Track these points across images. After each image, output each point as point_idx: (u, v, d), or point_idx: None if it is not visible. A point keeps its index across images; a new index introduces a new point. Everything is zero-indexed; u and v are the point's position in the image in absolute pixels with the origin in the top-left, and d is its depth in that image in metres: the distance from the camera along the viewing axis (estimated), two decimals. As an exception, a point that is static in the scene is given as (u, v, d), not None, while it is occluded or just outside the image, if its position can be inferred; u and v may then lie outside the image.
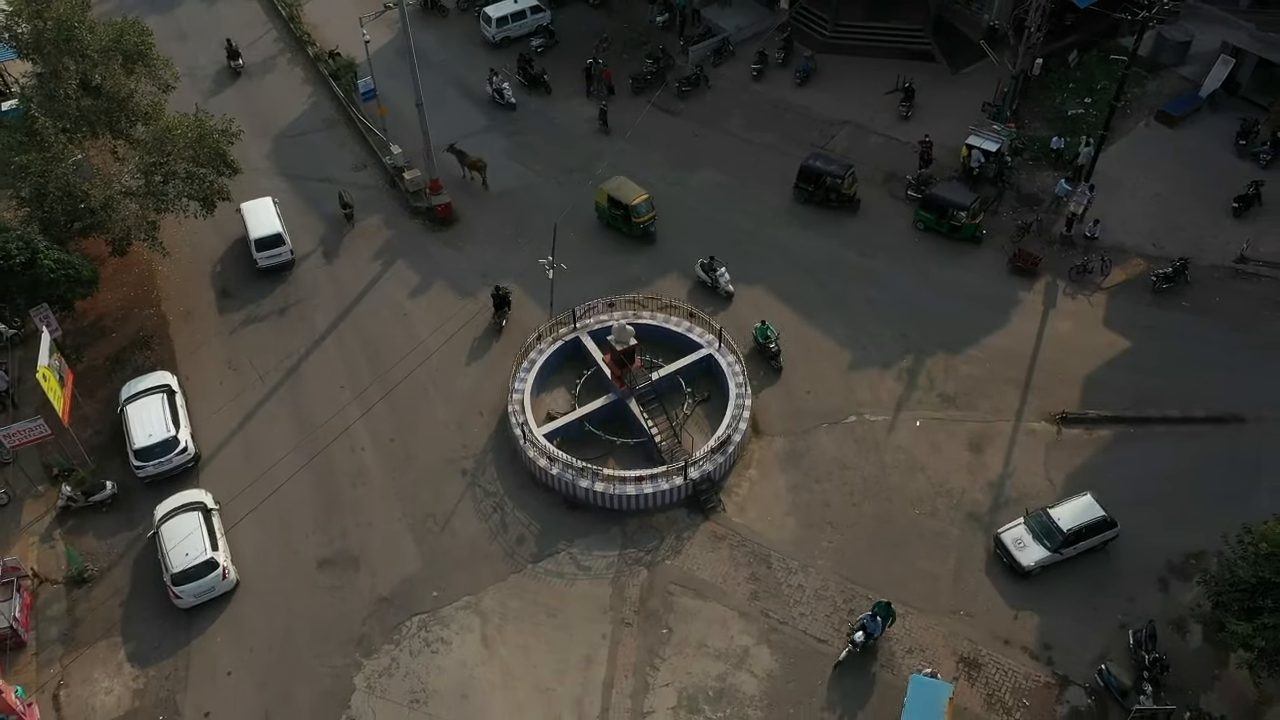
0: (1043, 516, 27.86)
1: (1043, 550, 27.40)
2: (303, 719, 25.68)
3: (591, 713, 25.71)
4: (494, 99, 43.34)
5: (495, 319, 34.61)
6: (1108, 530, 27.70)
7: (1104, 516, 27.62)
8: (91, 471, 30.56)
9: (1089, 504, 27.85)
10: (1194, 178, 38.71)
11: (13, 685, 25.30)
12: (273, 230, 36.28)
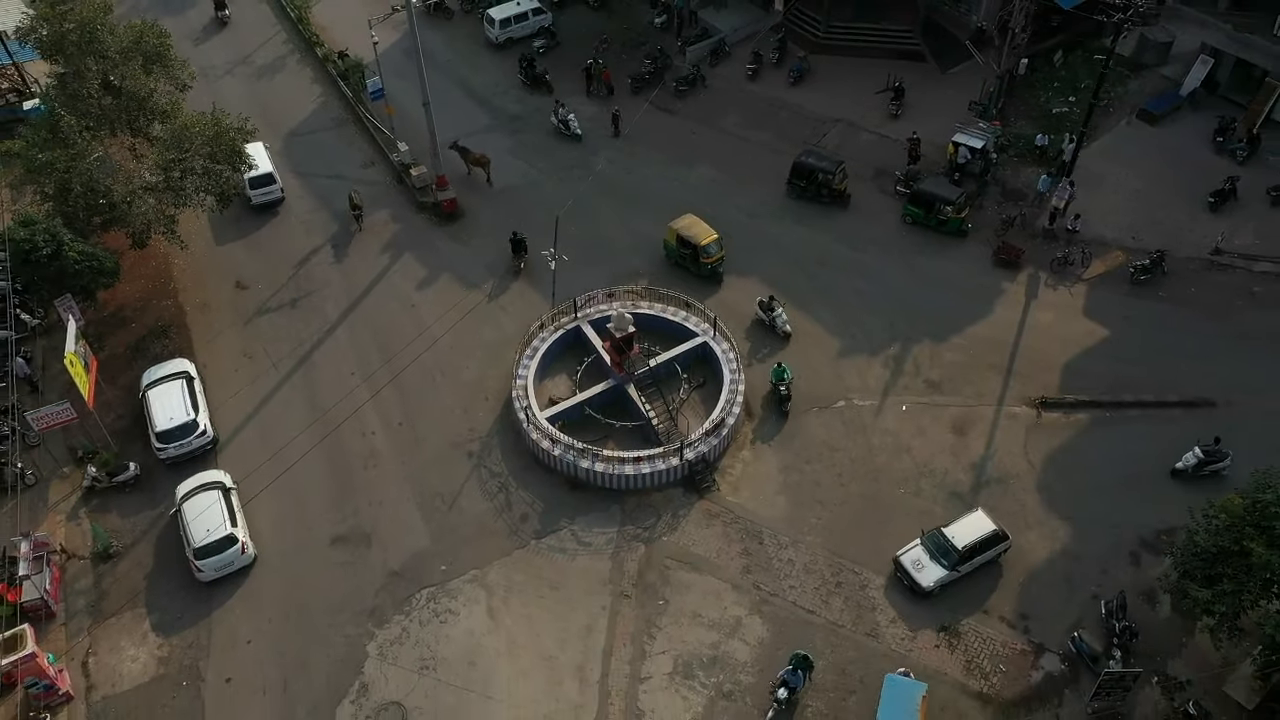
0: (938, 536, 28.46)
1: (940, 569, 28.04)
2: (319, 684, 27.20)
3: (592, 679, 27.24)
4: (559, 130, 43.13)
5: (514, 262, 37.52)
6: (1001, 543, 28.54)
7: (996, 530, 28.40)
8: (115, 454, 32.11)
9: (981, 519, 28.66)
10: (1173, 173, 40.19)
11: (45, 652, 26.82)
12: (265, 170, 39.67)
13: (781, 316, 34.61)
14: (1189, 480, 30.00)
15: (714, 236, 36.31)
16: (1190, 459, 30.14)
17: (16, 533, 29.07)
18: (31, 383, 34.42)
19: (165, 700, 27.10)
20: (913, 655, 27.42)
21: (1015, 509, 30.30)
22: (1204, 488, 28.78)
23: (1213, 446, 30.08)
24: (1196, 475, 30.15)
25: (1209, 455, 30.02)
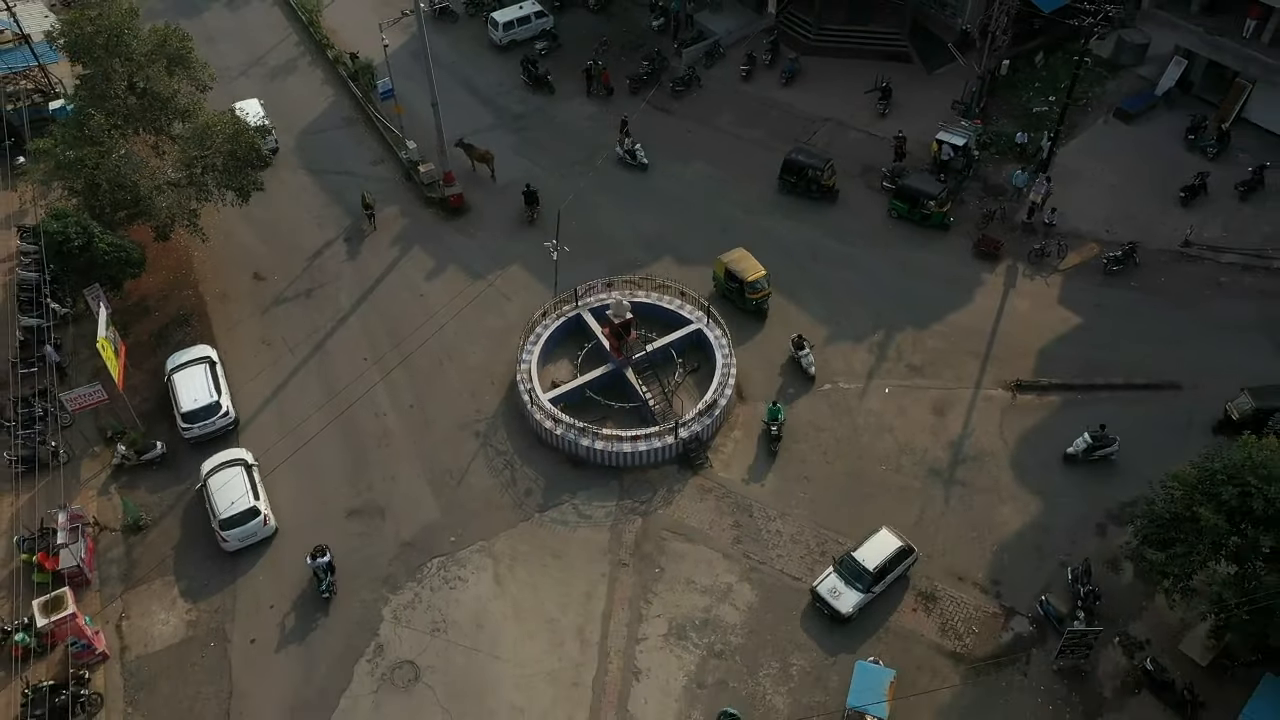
0: (850, 561, 29.34)
1: (856, 594, 28.92)
2: (337, 644, 29.26)
3: (592, 640, 29.29)
4: (624, 160, 43.58)
5: (527, 212, 41.05)
6: (909, 557, 29.74)
7: (902, 546, 29.58)
8: (142, 433, 34.19)
9: (887, 538, 29.77)
10: (1147, 170, 42.21)
11: (83, 615, 28.87)
12: (260, 123, 43.12)
13: (808, 358, 35.04)
14: (1151, 458, 31.99)
15: (761, 273, 36.66)
16: (1080, 444, 32.26)
17: (54, 507, 31.10)
18: (60, 369, 36.46)
19: (194, 659, 29.17)
20: (891, 618, 29.49)
21: (990, 484, 32.36)
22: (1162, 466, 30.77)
23: (1100, 433, 32.19)
24: (1086, 460, 32.24)
25: (1097, 441, 32.16)
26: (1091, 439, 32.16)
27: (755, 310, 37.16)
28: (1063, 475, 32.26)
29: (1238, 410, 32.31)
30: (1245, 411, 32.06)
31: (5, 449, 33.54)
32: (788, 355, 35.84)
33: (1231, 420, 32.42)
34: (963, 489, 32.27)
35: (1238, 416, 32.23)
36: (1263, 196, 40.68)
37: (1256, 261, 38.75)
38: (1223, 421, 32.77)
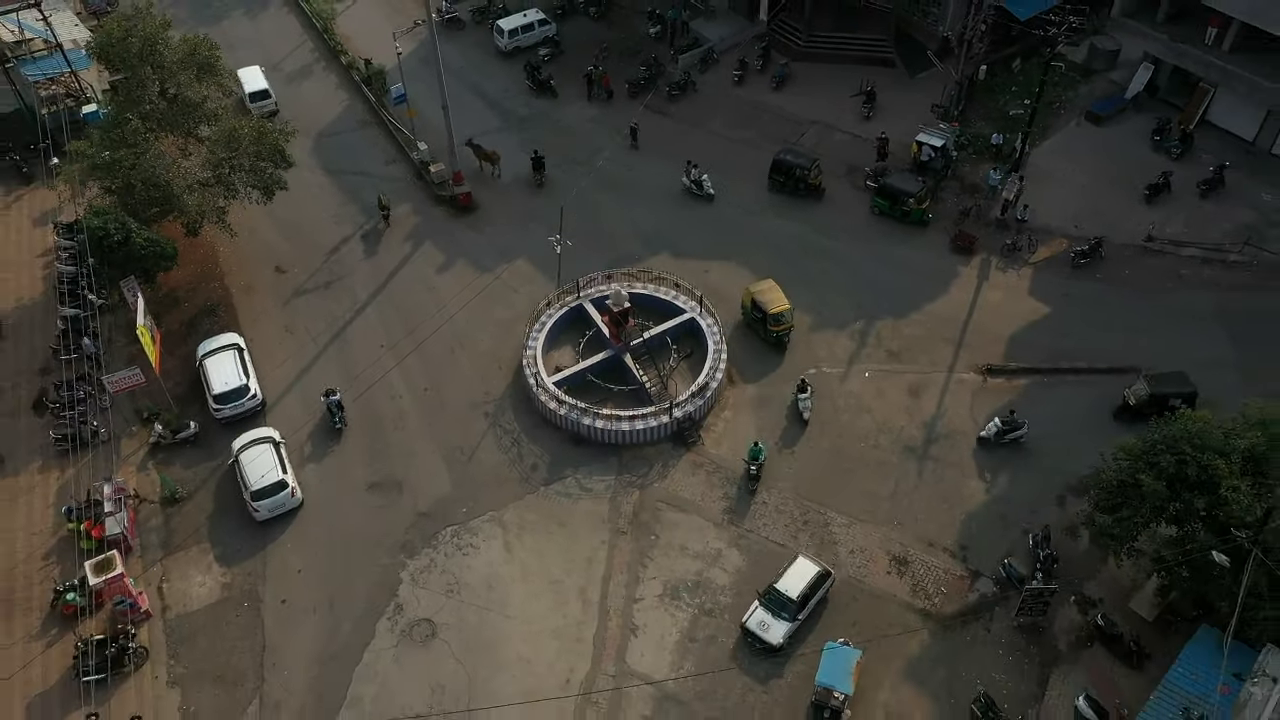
0: (774, 593, 30.64)
1: (784, 624, 30.28)
2: (360, 604, 32.14)
3: (593, 600, 32.16)
4: (691, 190, 44.72)
5: (535, 177, 44.91)
6: (827, 580, 31.33)
7: (819, 571, 31.11)
8: (176, 414, 37.07)
9: (804, 565, 31.26)
10: (1115, 169, 45.04)
11: (128, 576, 31.75)
12: (261, 87, 49.35)
13: (806, 402, 36.16)
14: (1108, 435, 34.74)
15: (785, 306, 37.64)
16: (991, 428, 35.06)
17: (98, 480, 34.00)
18: (96, 359, 39.25)
19: (230, 618, 32.05)
20: (868, 579, 32.35)
21: (959, 460, 35.22)
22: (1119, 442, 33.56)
23: (1010, 418, 35.01)
24: (998, 443, 35.06)
25: (1007, 425, 35.00)
26: (1002, 423, 35.01)
27: (775, 342, 38.36)
28: (1028, 452, 35.09)
29: (1135, 396, 35.21)
30: (1142, 397, 34.98)
31: (51, 428, 36.46)
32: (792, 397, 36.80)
33: (1129, 406, 35.28)
34: (934, 464, 35.13)
35: (1134, 402, 35.14)
36: (1222, 194, 43.52)
37: (1215, 255, 41.58)
38: (1122, 407, 35.58)
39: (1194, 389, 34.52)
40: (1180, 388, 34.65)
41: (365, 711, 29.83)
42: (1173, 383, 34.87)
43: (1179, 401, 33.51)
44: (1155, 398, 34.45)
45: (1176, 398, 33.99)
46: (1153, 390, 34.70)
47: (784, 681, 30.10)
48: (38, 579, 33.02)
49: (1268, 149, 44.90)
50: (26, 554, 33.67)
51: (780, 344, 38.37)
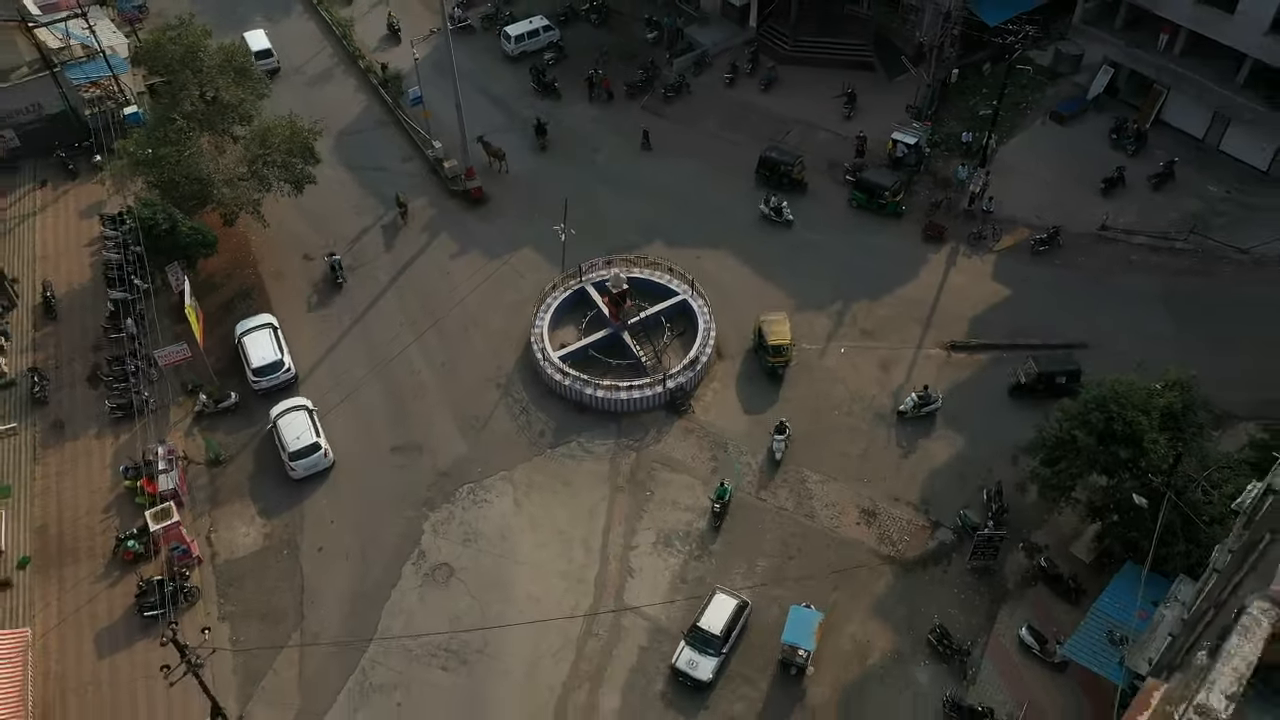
0: (697, 631, 32.62)
1: (711, 659, 32.26)
2: (387, 551, 36.36)
3: (594, 547, 36.38)
4: (770, 217, 47.01)
5: (539, 141, 50.40)
6: (746, 610, 33.40)
7: (738, 604, 33.17)
8: (218, 386, 41.29)
9: (723, 600, 33.24)
10: (1075, 164, 49.20)
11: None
12: (264, 47, 56.59)
13: (780, 444, 38.19)
14: (909, 420, 39.31)
15: (785, 340, 39.75)
16: (909, 402, 39.15)
17: (151, 443, 38.24)
18: (137, 339, 43.34)
19: (271, 564, 36.29)
20: (839, 530, 36.56)
21: (924, 426, 39.40)
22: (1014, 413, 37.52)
23: (924, 393, 39.11)
24: (915, 416, 39.13)
25: (922, 399, 39.13)
26: (918, 398, 39.16)
27: (770, 373, 40.59)
28: (984, 417, 39.29)
29: (1025, 375, 39.44)
30: (1031, 375, 39.22)
31: (106, 399, 40.71)
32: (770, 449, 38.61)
33: (1021, 384, 39.53)
34: (901, 429, 39.32)
35: (1025, 380, 39.37)
36: (1172, 187, 47.73)
37: (1162, 243, 45.77)
38: (1015, 385, 39.78)
39: (1077, 367, 38.95)
40: (1065, 366, 39.11)
41: (392, 643, 34.07)
42: (1058, 362, 39.30)
43: (1064, 379, 38.05)
44: (1043, 375, 38.90)
45: (1061, 375, 38.58)
46: (1040, 370, 39.05)
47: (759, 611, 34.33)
48: (99, 530, 37.26)
49: (1216, 146, 49.08)
50: (88, 508, 37.91)
51: (774, 375, 40.61)
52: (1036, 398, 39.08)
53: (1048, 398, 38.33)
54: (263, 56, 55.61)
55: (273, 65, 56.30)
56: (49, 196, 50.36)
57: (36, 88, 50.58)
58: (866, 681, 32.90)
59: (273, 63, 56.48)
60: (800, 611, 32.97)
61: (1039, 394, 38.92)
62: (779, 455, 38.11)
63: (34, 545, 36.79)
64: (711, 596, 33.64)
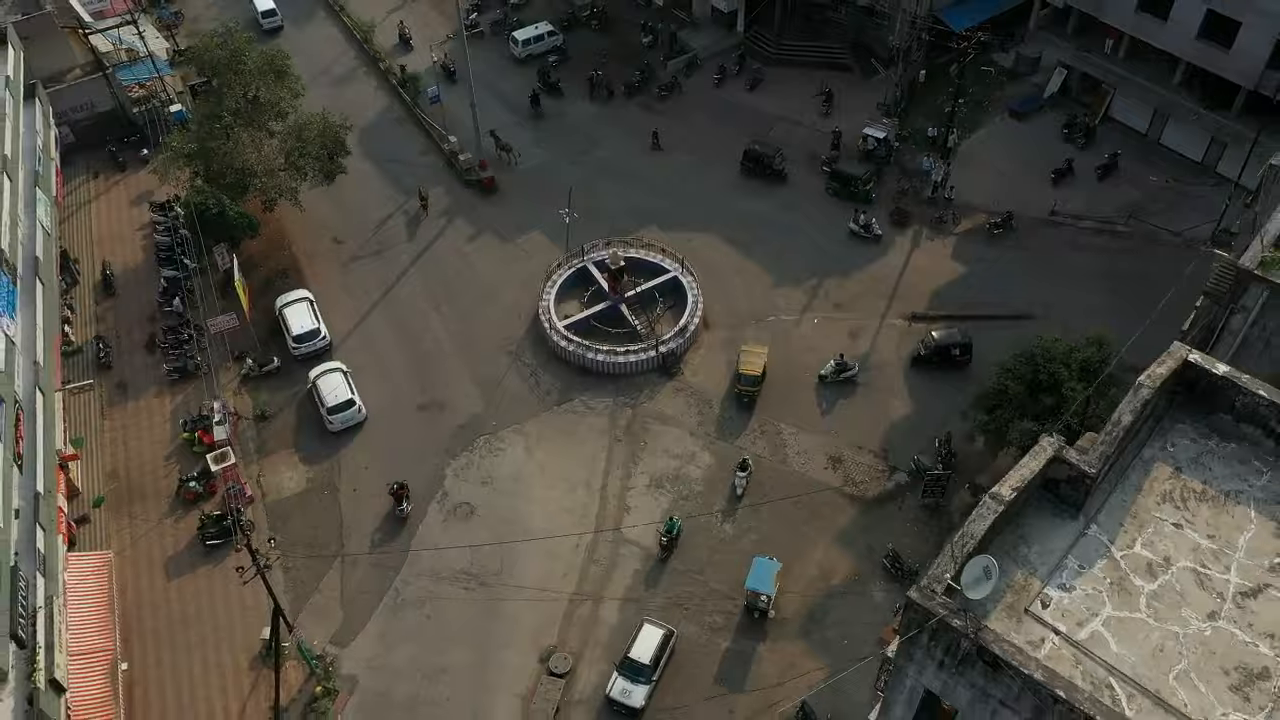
0: (628, 661, 35.36)
1: (643, 687, 35.02)
2: (415, 492, 41.98)
3: (595, 488, 42.09)
4: (859, 234, 50.90)
5: (533, 109, 57.01)
6: (673, 639, 36.37)
7: (664, 633, 36.07)
8: (262, 352, 47.03)
9: (650, 630, 36.06)
10: (1030, 157, 54.96)
11: (235, 470, 41.76)
12: (269, 7, 65.04)
13: (742, 480, 41.33)
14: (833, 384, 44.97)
15: (755, 372, 43.35)
16: (830, 367, 44.75)
17: (206, 400, 44.01)
18: (181, 315, 48.87)
19: (314, 503, 42.02)
20: (809, 473, 42.27)
21: (886, 385, 45.11)
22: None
23: (841, 361, 44.74)
24: (835, 380, 44.70)
25: (840, 366, 44.75)
26: (836, 365, 44.77)
27: (736, 397, 44.14)
28: (941, 377, 44.98)
29: (925, 347, 45.10)
30: (930, 347, 44.91)
31: (164, 363, 46.47)
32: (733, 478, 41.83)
33: (921, 355, 45.19)
34: (865, 388, 45.01)
35: (925, 352, 45.02)
36: (1116, 177, 53.47)
37: (1105, 227, 51.50)
38: (916, 356, 45.44)
39: (969, 341, 44.71)
40: (959, 340, 44.84)
41: (420, 567, 39.81)
42: (953, 337, 44.98)
43: (957, 351, 44.22)
44: (939, 348, 44.73)
45: (955, 348, 44.55)
46: (937, 343, 44.80)
47: (734, 545, 40.07)
48: (162, 474, 43.00)
49: (1157, 140, 54.83)
50: (152, 456, 43.66)
51: (740, 401, 44.06)
52: (934, 367, 45.02)
53: (944, 368, 44.47)
54: (268, 16, 65.21)
55: (277, 23, 65.33)
56: (101, 187, 56.15)
57: (90, 88, 56.34)
58: (829, 599, 38.63)
59: (277, 20, 65.30)
60: (762, 561, 37.92)
61: (934, 365, 44.80)
62: (740, 491, 41.30)
63: (107, 487, 42.51)
64: (640, 628, 36.51)
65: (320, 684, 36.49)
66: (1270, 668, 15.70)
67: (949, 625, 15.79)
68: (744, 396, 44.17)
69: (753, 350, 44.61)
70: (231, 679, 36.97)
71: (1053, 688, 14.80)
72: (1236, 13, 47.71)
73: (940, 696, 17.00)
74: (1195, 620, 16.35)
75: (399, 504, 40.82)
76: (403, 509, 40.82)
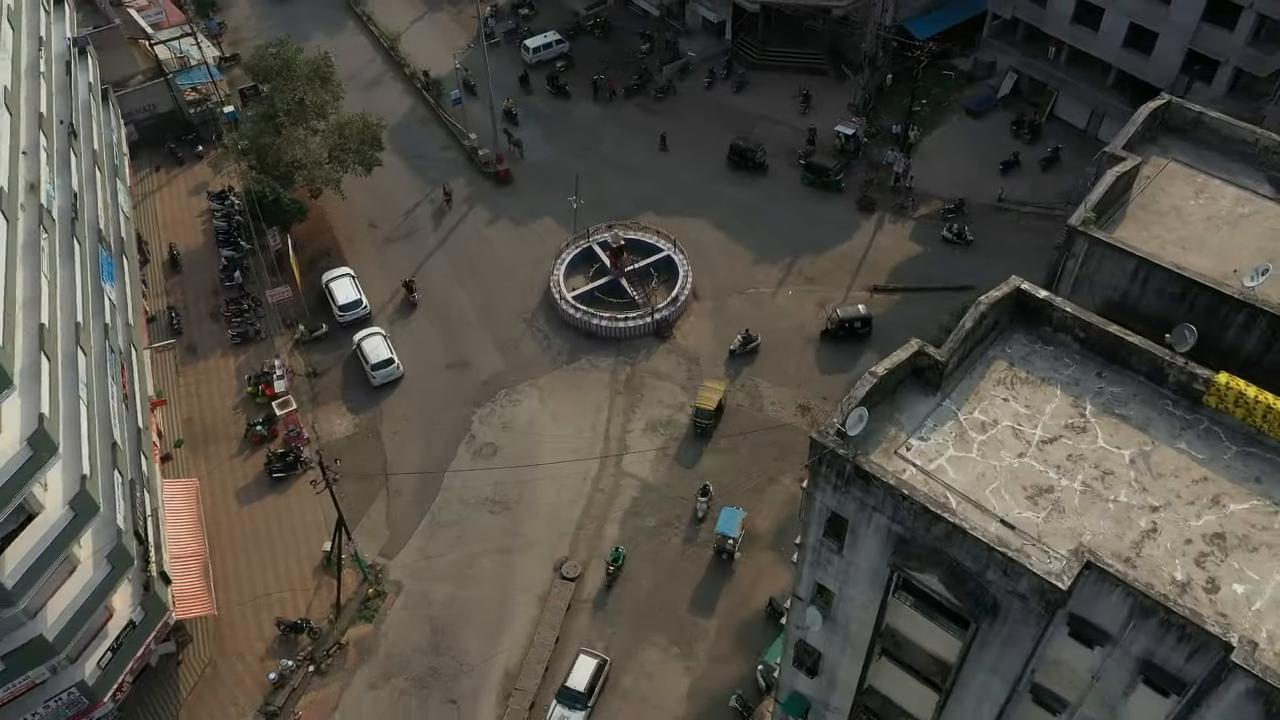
0: (565, 691, 39.88)
1: (579, 713, 39.54)
2: (446, 435, 50.13)
3: (600, 431, 50.14)
4: (954, 240, 57.46)
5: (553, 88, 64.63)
6: (606, 666, 40.94)
7: (599, 662, 40.72)
8: (311, 319, 55.16)
9: (586, 661, 40.70)
10: (982, 151, 63.00)
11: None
12: None
13: (703, 504, 46.08)
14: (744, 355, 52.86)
15: (709, 406, 48.53)
16: (736, 341, 52.40)
17: (267, 359, 52.16)
18: (243, 287, 57.07)
19: (361, 444, 50.12)
20: (782, 417, 50.29)
21: (850, 346, 53.10)
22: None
23: (746, 335, 52.38)
24: (742, 352, 52.43)
25: (745, 340, 52.41)
26: (742, 339, 52.45)
27: (692, 424, 49.53)
28: (901, 339, 52.93)
29: (831, 322, 52.93)
30: (835, 322, 52.71)
31: (228, 329, 54.64)
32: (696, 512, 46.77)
33: (828, 329, 52.98)
34: (831, 349, 53.04)
35: (831, 326, 52.83)
36: (1057, 169, 61.52)
37: (1046, 212, 59.43)
38: (825, 330, 53.19)
39: (869, 315, 52.56)
40: (860, 315, 52.60)
41: (452, 495, 47.92)
42: (855, 313, 52.74)
43: (858, 324, 52.15)
44: (843, 322, 52.60)
45: (856, 322, 52.41)
46: (841, 318, 52.67)
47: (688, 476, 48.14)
48: (231, 421, 51.13)
49: (1095, 135, 62.84)
50: (221, 407, 51.80)
51: (695, 429, 49.41)
52: (840, 339, 53.04)
53: (849, 339, 52.72)
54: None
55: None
56: (163, 179, 64.34)
57: (152, 92, 64.50)
58: (793, 518, 46.64)
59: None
60: (729, 510, 45.23)
61: (840, 337, 52.81)
62: (700, 514, 46.39)
63: (185, 432, 50.64)
64: (576, 658, 41.17)
65: (371, 587, 44.60)
66: (1054, 486, 23.57)
67: (836, 454, 23.75)
68: (698, 427, 49.59)
69: (711, 387, 49.90)
70: (299, 583, 45.10)
71: (903, 490, 22.77)
72: (1154, 25, 55.77)
73: (837, 511, 24.95)
74: (1009, 458, 24.26)
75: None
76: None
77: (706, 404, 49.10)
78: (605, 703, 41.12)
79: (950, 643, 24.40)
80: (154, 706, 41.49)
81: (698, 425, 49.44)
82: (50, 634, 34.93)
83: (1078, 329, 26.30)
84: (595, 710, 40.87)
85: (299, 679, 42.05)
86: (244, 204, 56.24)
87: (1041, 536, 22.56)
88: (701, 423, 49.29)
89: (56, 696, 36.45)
